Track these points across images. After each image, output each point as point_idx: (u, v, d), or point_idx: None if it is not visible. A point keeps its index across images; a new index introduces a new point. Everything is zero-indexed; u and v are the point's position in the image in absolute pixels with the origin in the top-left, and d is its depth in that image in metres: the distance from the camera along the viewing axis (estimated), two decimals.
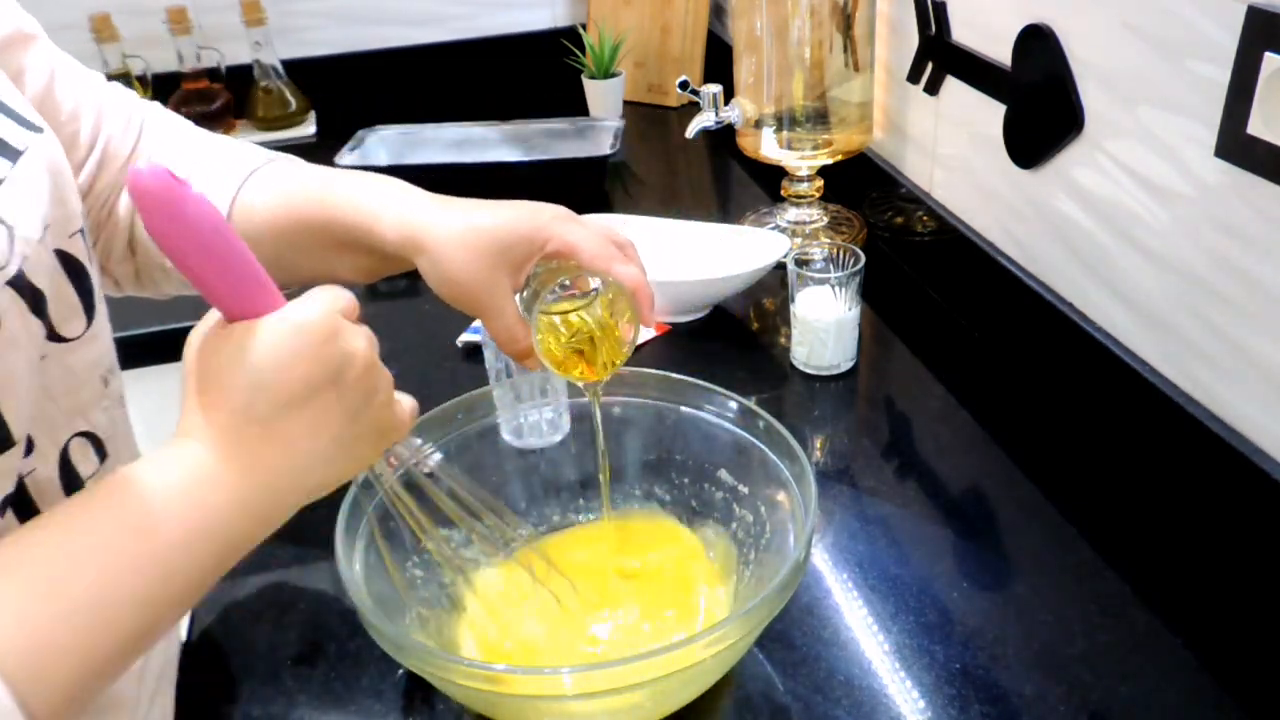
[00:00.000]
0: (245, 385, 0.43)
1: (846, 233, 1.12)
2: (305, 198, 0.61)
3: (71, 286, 0.50)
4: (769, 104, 1.07)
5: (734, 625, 0.51)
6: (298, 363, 0.43)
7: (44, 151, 0.50)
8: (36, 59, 0.58)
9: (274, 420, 0.43)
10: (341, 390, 0.45)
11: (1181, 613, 0.64)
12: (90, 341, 0.52)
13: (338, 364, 0.44)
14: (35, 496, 0.48)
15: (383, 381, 0.48)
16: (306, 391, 0.44)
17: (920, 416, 0.85)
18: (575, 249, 0.58)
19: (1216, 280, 0.66)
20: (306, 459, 0.45)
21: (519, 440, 0.71)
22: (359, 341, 0.46)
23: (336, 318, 0.45)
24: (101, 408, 0.53)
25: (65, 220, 0.51)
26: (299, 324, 0.44)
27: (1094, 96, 0.76)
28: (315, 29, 1.62)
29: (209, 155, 0.65)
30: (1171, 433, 0.70)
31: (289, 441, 0.44)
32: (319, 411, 0.44)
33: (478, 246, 0.56)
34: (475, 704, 0.56)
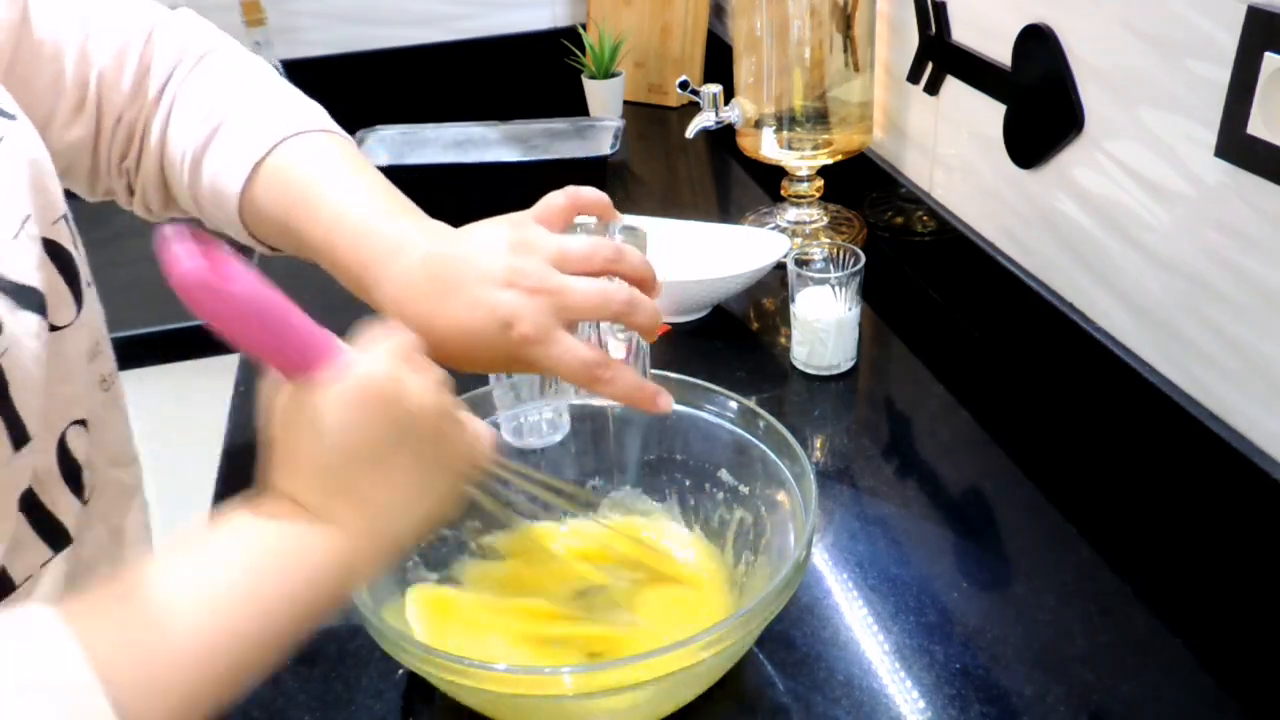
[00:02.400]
0: (319, 450, 0.44)
1: (846, 233, 1.12)
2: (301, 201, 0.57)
3: (59, 275, 0.50)
4: (769, 104, 1.07)
5: (734, 625, 0.51)
6: (365, 426, 0.44)
7: (20, 141, 0.49)
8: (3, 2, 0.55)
9: (351, 479, 0.44)
10: (411, 446, 0.45)
11: (1181, 613, 0.64)
12: (79, 328, 0.52)
13: (403, 423, 0.45)
14: (37, 490, 0.48)
15: (450, 425, 0.48)
16: (376, 453, 0.44)
17: (920, 416, 0.85)
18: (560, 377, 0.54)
19: (1216, 280, 0.66)
20: (386, 512, 0.45)
21: (519, 440, 0.71)
22: (422, 395, 0.45)
23: (399, 371, 0.45)
24: (88, 394, 0.53)
25: (48, 207, 0.50)
26: (362, 387, 0.44)
27: (1094, 96, 0.76)
28: (315, 29, 1.62)
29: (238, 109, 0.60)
30: (1171, 433, 0.70)
31: (368, 499, 0.44)
32: (390, 467, 0.45)
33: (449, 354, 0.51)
34: (475, 704, 0.56)
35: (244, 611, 0.40)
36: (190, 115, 0.60)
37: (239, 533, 0.43)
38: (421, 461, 0.46)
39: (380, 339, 0.46)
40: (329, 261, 0.56)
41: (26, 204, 0.48)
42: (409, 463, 0.45)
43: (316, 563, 0.43)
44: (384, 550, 0.46)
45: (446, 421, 0.47)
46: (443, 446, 0.47)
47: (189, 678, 0.38)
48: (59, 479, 0.50)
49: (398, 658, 0.52)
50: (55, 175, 0.52)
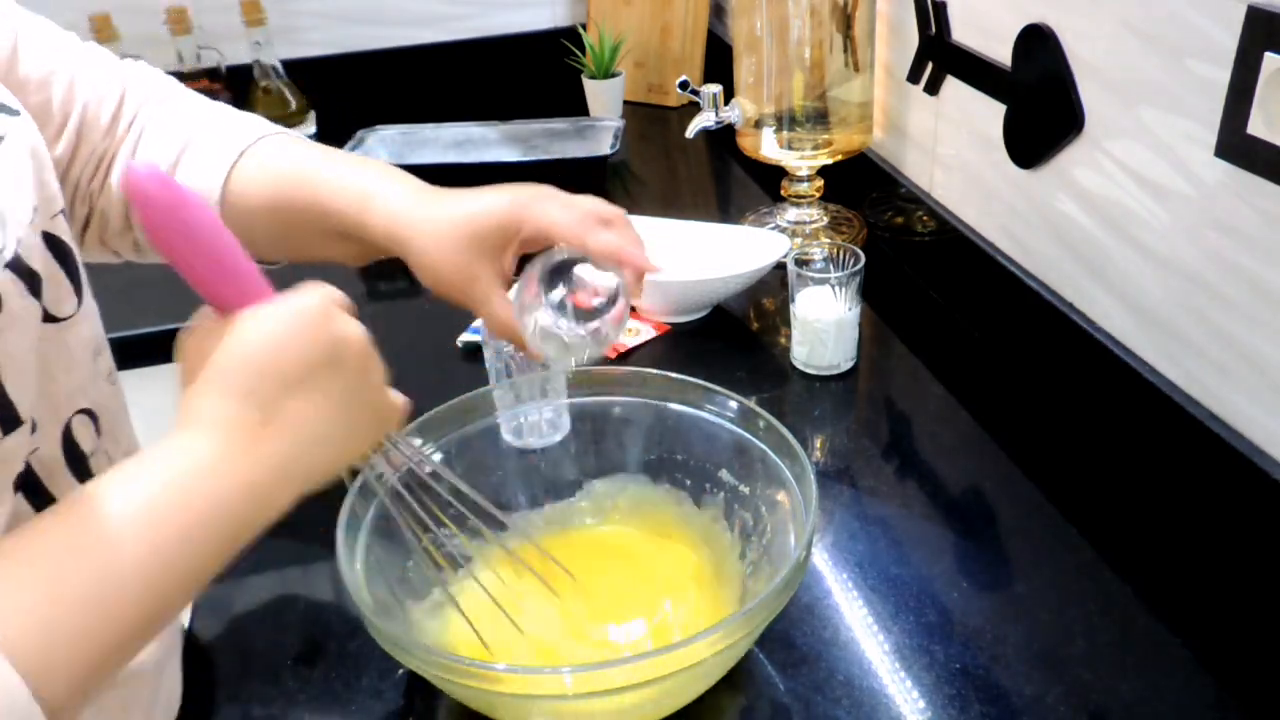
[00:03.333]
0: (243, 370, 0.43)
1: (846, 233, 1.12)
2: (297, 183, 0.61)
3: (59, 267, 0.51)
4: (769, 104, 1.07)
5: (734, 625, 0.51)
6: (294, 344, 0.44)
7: (23, 135, 0.50)
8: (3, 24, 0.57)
9: (273, 403, 0.43)
10: (339, 371, 0.45)
11: (1181, 613, 0.64)
12: (82, 320, 0.53)
13: (334, 345, 0.45)
14: (42, 477, 0.48)
15: (377, 365, 0.49)
16: (304, 372, 0.44)
17: (920, 416, 0.85)
18: (550, 229, 0.57)
19: (1216, 280, 0.66)
20: (307, 441, 0.45)
21: (519, 440, 0.71)
22: (353, 324, 0.47)
23: (330, 304, 0.46)
24: (95, 386, 0.54)
25: (48, 202, 0.51)
26: (293, 309, 0.45)
27: (1094, 96, 0.76)
28: (315, 29, 1.62)
29: (199, 128, 0.64)
30: (1171, 433, 0.70)
31: (288, 424, 0.44)
32: (317, 393, 0.45)
33: (454, 239, 0.57)
34: (475, 704, 0.56)
35: (145, 557, 0.39)
36: (158, 137, 0.63)
37: (138, 471, 0.42)
38: (345, 390, 0.46)
39: (313, 285, 0.47)
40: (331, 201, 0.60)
41: (32, 195, 0.49)
42: (332, 388, 0.45)
43: (221, 496, 0.42)
44: (297, 480, 0.45)
45: (372, 358, 0.48)
46: (366, 381, 0.48)
47: (88, 628, 0.38)
48: (64, 466, 0.50)
49: (398, 658, 0.52)
50: (54, 171, 0.53)
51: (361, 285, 1.10)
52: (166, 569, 0.40)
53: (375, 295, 1.09)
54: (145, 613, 0.40)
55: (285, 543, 0.58)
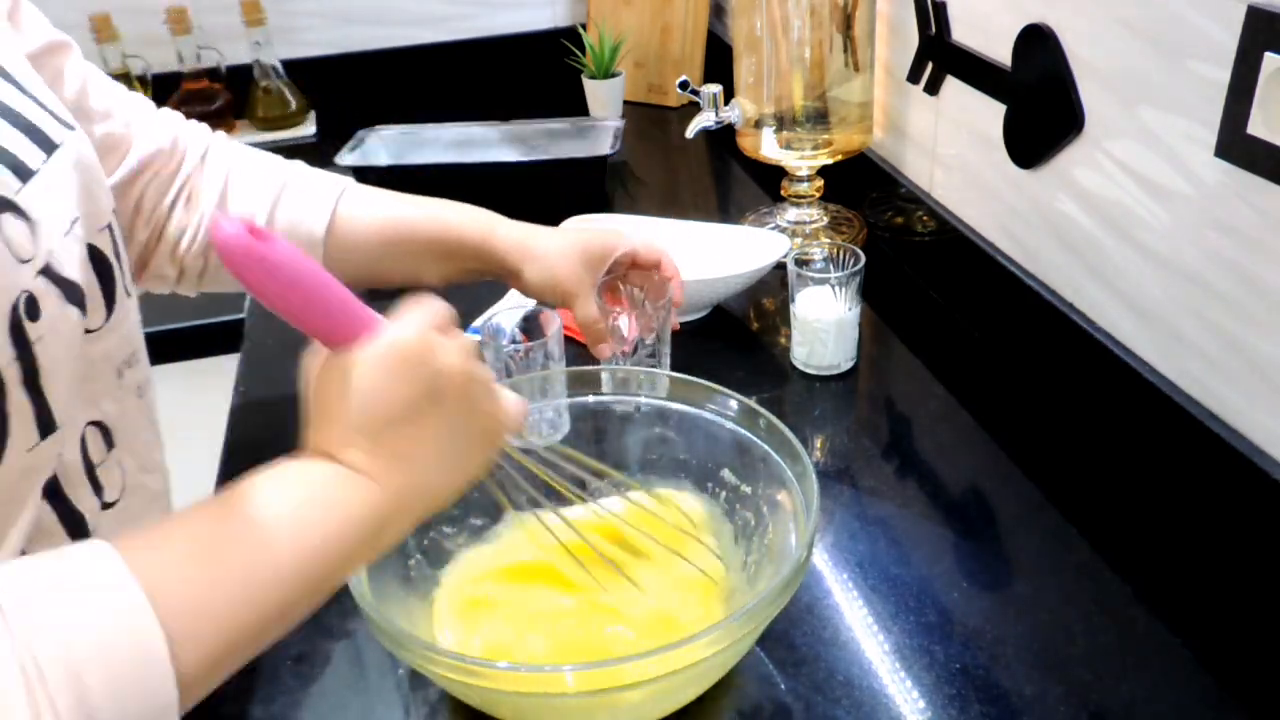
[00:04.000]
0: (353, 411, 0.46)
1: (846, 233, 1.12)
2: (413, 213, 0.77)
3: (96, 280, 0.53)
4: (769, 104, 1.07)
5: (735, 625, 0.51)
6: (396, 386, 0.46)
7: (76, 148, 0.53)
8: (73, 66, 0.63)
9: (383, 438, 0.46)
10: (439, 405, 0.48)
11: (1181, 613, 0.64)
12: (109, 333, 0.54)
13: (431, 383, 0.47)
14: (62, 480, 0.50)
15: (479, 388, 0.50)
16: (406, 411, 0.47)
17: (920, 416, 0.85)
18: (633, 251, 0.81)
19: (1216, 280, 0.66)
20: (419, 470, 0.47)
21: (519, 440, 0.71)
22: (453, 356, 0.48)
23: (429, 336, 0.48)
24: (114, 398, 0.55)
25: (95, 215, 0.53)
26: (393, 349, 0.47)
27: (1094, 96, 0.76)
28: (315, 29, 1.62)
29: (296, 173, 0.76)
30: (1172, 433, 0.71)
31: (400, 456, 0.47)
32: (422, 427, 0.47)
33: (571, 257, 0.77)
34: (476, 702, 0.56)
35: (286, 553, 0.42)
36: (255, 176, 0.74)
37: (281, 482, 0.45)
38: (451, 420, 0.48)
39: (413, 310, 0.49)
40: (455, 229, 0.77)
41: (75, 208, 0.51)
42: (439, 421, 0.48)
43: (353, 513, 0.45)
44: (417, 505, 0.48)
45: (474, 384, 0.50)
46: (471, 407, 0.50)
47: (234, 609, 0.40)
48: (81, 473, 0.51)
49: (398, 656, 0.52)
50: (106, 186, 0.56)
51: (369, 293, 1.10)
52: (307, 568, 0.43)
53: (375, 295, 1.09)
54: (284, 605, 0.42)
55: None
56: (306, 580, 0.43)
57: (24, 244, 0.46)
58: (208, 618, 0.39)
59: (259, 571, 0.41)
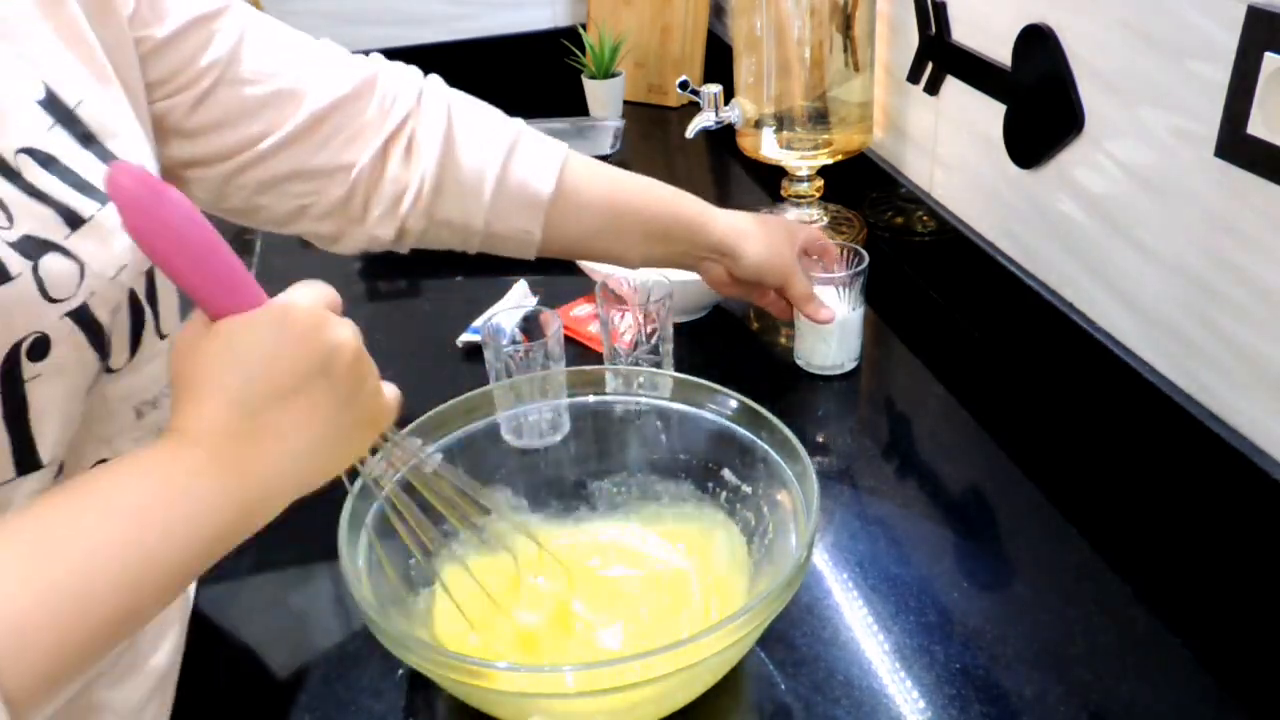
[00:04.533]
0: (234, 379, 0.43)
1: (847, 233, 1.12)
2: (639, 189, 0.78)
3: (128, 320, 0.51)
4: (769, 104, 1.07)
5: (735, 625, 0.51)
6: (285, 353, 0.43)
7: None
8: (226, 30, 0.62)
9: (264, 412, 0.43)
10: (331, 379, 0.45)
11: (1181, 613, 0.64)
12: (130, 374, 0.52)
13: (326, 353, 0.44)
14: None
15: (370, 370, 0.48)
16: (295, 381, 0.43)
17: (920, 416, 0.85)
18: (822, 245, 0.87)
19: (1216, 280, 0.66)
20: (298, 450, 0.44)
21: (519, 440, 0.71)
22: (345, 331, 0.46)
23: (321, 309, 0.45)
24: (131, 438, 0.53)
25: (141, 260, 0.50)
26: (284, 316, 0.44)
27: (1094, 96, 0.76)
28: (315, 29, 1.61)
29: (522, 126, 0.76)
30: (1171, 433, 0.70)
31: (280, 433, 0.43)
32: (309, 402, 0.44)
33: (780, 240, 0.82)
34: (476, 702, 0.56)
35: (127, 558, 0.39)
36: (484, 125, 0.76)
37: (127, 474, 0.41)
38: (337, 398, 0.45)
39: (304, 287, 0.46)
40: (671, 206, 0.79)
41: (126, 253, 0.49)
42: (324, 397, 0.45)
43: (208, 504, 0.41)
44: (287, 489, 0.45)
45: (363, 363, 0.47)
46: (358, 387, 0.47)
47: (67, 621, 0.37)
48: None
49: (398, 655, 0.52)
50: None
51: (362, 285, 1.10)
52: (146, 565, 0.39)
53: (375, 295, 1.09)
54: (119, 608, 0.39)
55: (285, 543, 0.58)
56: (152, 584, 0.40)
57: (65, 284, 0.44)
58: (34, 635, 0.35)
59: (94, 581, 0.38)
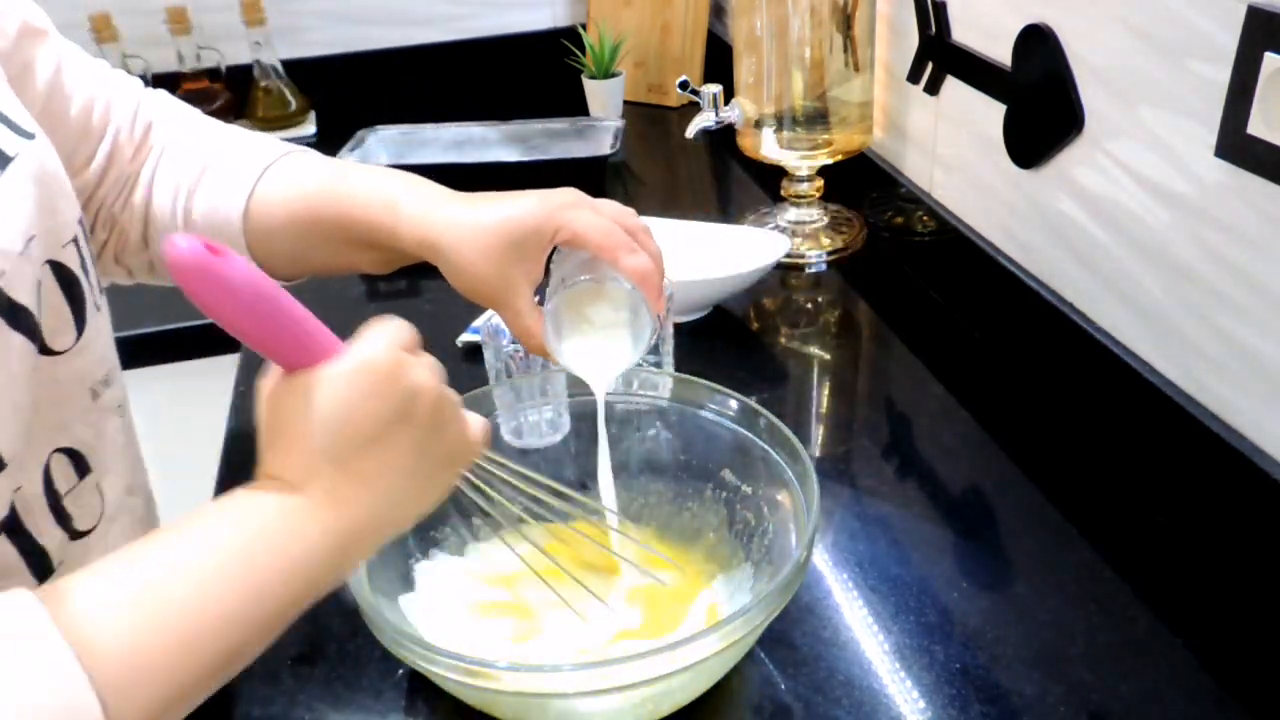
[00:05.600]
0: (318, 432, 0.43)
1: (847, 232, 1.12)
2: (322, 196, 0.62)
3: (63, 298, 0.50)
4: (769, 104, 1.07)
5: (734, 625, 0.50)
6: (365, 403, 0.44)
7: (34, 159, 0.49)
8: (45, 52, 0.58)
9: (350, 461, 0.43)
10: (411, 425, 0.45)
11: (1181, 613, 0.64)
12: (79, 354, 0.51)
13: (404, 401, 0.45)
14: (22, 514, 0.47)
15: (451, 409, 0.48)
16: (377, 430, 0.44)
17: (920, 416, 0.85)
18: (583, 237, 0.57)
19: (1216, 280, 0.66)
20: (386, 494, 0.45)
21: (519, 440, 0.71)
22: (423, 374, 0.46)
23: (398, 354, 0.45)
24: (87, 421, 0.52)
25: (57, 230, 0.50)
26: (362, 366, 0.44)
27: (1094, 96, 0.76)
28: (315, 29, 1.62)
29: (220, 149, 0.65)
30: (1172, 433, 0.70)
31: (366, 480, 0.44)
32: (392, 448, 0.45)
33: (488, 245, 0.57)
34: (476, 702, 0.56)
35: (235, 594, 0.40)
36: (180, 157, 0.65)
37: (231, 514, 0.42)
38: (420, 442, 0.46)
39: (378, 329, 0.46)
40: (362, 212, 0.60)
41: (32, 224, 0.47)
42: (407, 443, 0.45)
43: (309, 544, 0.42)
44: (379, 532, 0.46)
45: (444, 404, 0.47)
46: (440, 429, 0.47)
47: (175, 659, 0.37)
48: (45, 507, 0.49)
49: (398, 655, 0.52)
50: (73, 197, 0.52)
51: (362, 285, 1.10)
52: (250, 615, 0.40)
53: (375, 295, 1.09)
54: (233, 650, 0.40)
55: None
56: (258, 622, 0.41)
57: None
58: (145, 671, 0.36)
59: (204, 617, 0.39)
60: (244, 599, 0.40)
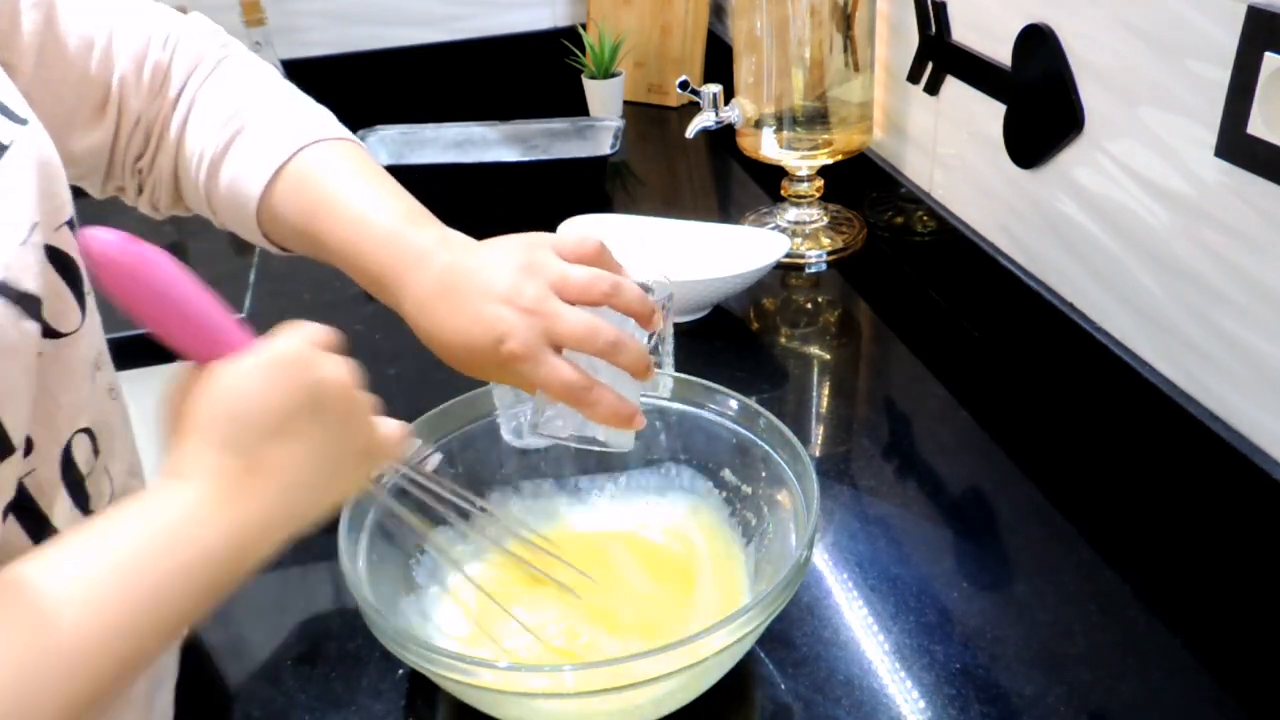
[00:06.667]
0: (222, 421, 0.43)
1: (847, 232, 1.12)
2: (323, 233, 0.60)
3: (62, 281, 0.50)
4: (769, 104, 1.07)
5: (735, 625, 0.51)
6: (272, 393, 0.44)
7: (30, 145, 0.49)
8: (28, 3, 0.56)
9: (254, 452, 0.43)
10: (319, 416, 0.45)
11: (1181, 613, 0.64)
12: (84, 335, 0.52)
13: (313, 390, 0.45)
14: (36, 496, 0.47)
15: (360, 406, 0.48)
16: (283, 420, 0.44)
17: (920, 416, 0.85)
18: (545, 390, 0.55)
19: (1216, 280, 0.66)
20: (291, 487, 0.45)
21: (519, 440, 0.71)
22: (331, 367, 0.46)
23: (308, 348, 0.45)
24: (94, 403, 0.53)
25: (54, 213, 0.50)
26: (269, 358, 0.44)
27: (1094, 96, 0.76)
28: (315, 29, 1.62)
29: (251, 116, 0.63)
30: (1171, 433, 0.70)
31: (271, 472, 0.44)
32: (298, 440, 0.44)
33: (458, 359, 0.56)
34: (475, 702, 0.56)
35: (128, 600, 0.39)
36: (209, 119, 0.63)
37: (123, 519, 0.41)
38: (328, 437, 0.46)
39: (293, 329, 0.46)
40: (351, 265, 0.59)
41: (34, 210, 0.48)
42: (317, 436, 0.45)
43: (206, 544, 0.42)
44: (282, 528, 0.45)
45: (356, 402, 0.48)
46: (350, 426, 0.47)
47: (68, 676, 0.37)
48: (61, 489, 0.49)
49: (398, 656, 0.52)
50: (64, 180, 0.52)
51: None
52: (146, 619, 0.40)
53: None
54: (124, 657, 0.39)
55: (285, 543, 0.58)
56: (153, 629, 0.40)
57: None
58: (40, 694, 0.36)
59: (97, 628, 0.38)
60: (136, 609, 0.39)
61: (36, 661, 0.36)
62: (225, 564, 0.43)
